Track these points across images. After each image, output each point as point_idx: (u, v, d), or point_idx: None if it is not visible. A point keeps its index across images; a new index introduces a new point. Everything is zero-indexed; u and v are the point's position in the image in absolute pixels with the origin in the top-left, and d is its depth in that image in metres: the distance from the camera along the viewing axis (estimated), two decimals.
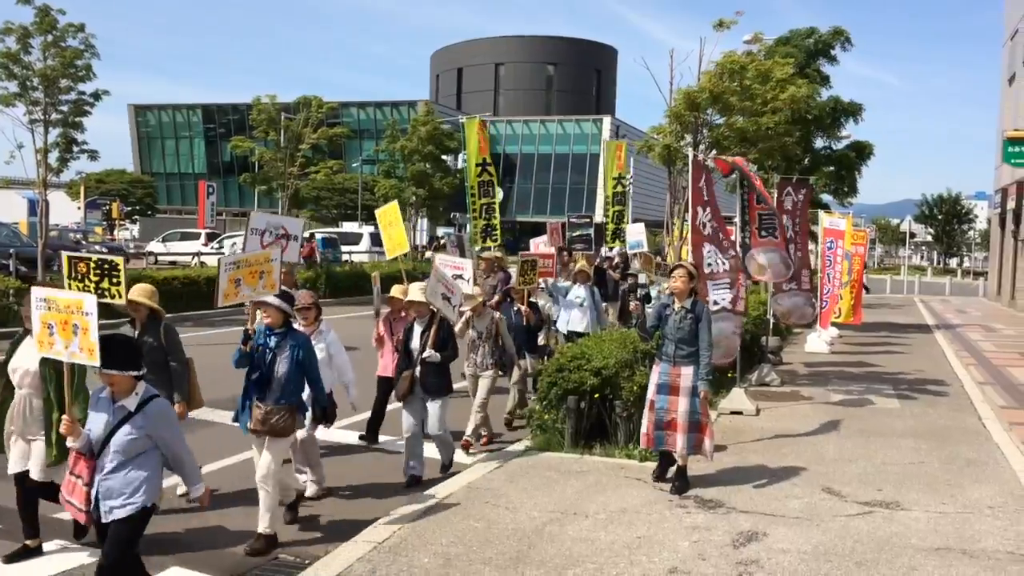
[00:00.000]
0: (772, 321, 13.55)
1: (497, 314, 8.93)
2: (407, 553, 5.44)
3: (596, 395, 7.92)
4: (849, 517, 6.37)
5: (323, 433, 8.73)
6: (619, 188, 17.25)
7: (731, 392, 10.34)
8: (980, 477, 7.56)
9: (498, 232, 13.89)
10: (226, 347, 5.90)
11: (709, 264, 9.34)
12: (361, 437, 8.74)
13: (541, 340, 10.83)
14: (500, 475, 7.25)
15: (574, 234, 15.69)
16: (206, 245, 32.73)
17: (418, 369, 7.42)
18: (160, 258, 33.56)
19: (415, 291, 7.59)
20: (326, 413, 6.41)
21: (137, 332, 6.35)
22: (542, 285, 11.53)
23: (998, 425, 9.81)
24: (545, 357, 10.62)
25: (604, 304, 13.64)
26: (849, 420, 9.87)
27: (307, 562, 5.46)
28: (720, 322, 9.06)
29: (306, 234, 35.92)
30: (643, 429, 7.20)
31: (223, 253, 30.24)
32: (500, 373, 8.78)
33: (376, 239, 35.51)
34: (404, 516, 6.12)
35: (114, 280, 5.55)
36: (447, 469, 7.65)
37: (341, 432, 8.76)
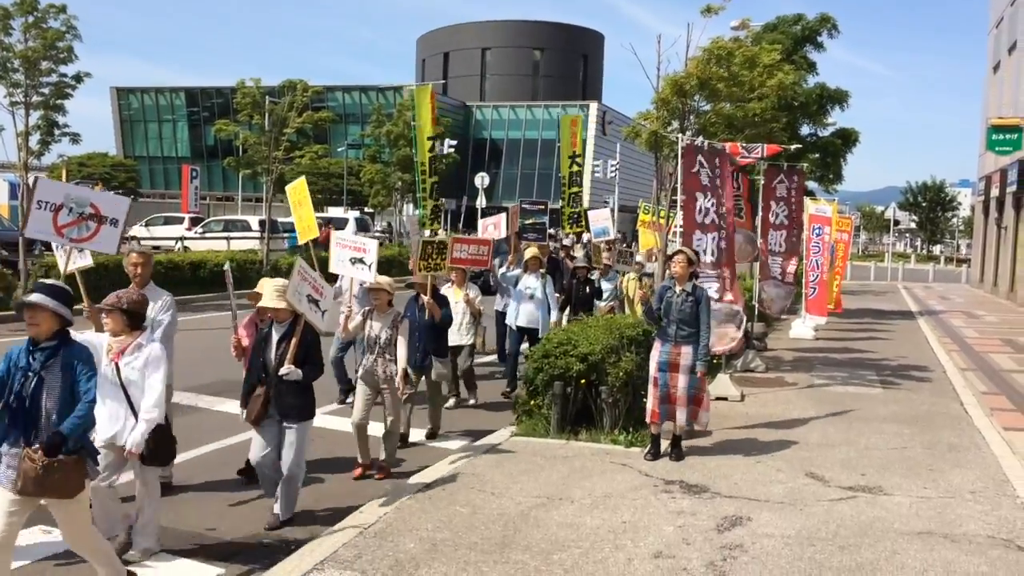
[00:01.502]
0: (757, 308, 13.60)
1: (400, 313, 7.38)
2: (393, 538, 5.43)
3: (582, 381, 7.93)
4: (832, 502, 6.41)
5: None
6: (575, 168, 15.86)
7: (716, 378, 10.36)
8: (962, 462, 7.62)
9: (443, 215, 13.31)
10: (209, 332, 5.80)
11: (700, 253, 9.36)
12: (240, 472, 6.85)
13: (463, 339, 9.58)
14: (486, 460, 7.26)
15: (526, 222, 14.16)
16: (190, 230, 32.49)
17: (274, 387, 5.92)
18: (143, 242, 33.31)
19: (269, 292, 6.08)
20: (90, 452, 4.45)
21: None
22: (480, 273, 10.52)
23: (980, 411, 9.90)
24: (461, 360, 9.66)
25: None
26: (833, 406, 9.93)
27: (292, 547, 5.45)
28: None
29: (323, 218, 35.35)
30: (648, 406, 7.57)
31: (207, 237, 30.13)
32: (409, 388, 7.31)
33: (362, 224, 35.40)
34: (389, 501, 6.11)
35: None
36: (278, 526, 5.90)
37: (328, 418, 8.73)
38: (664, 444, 7.56)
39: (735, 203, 11.38)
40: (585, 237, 18.38)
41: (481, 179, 40.48)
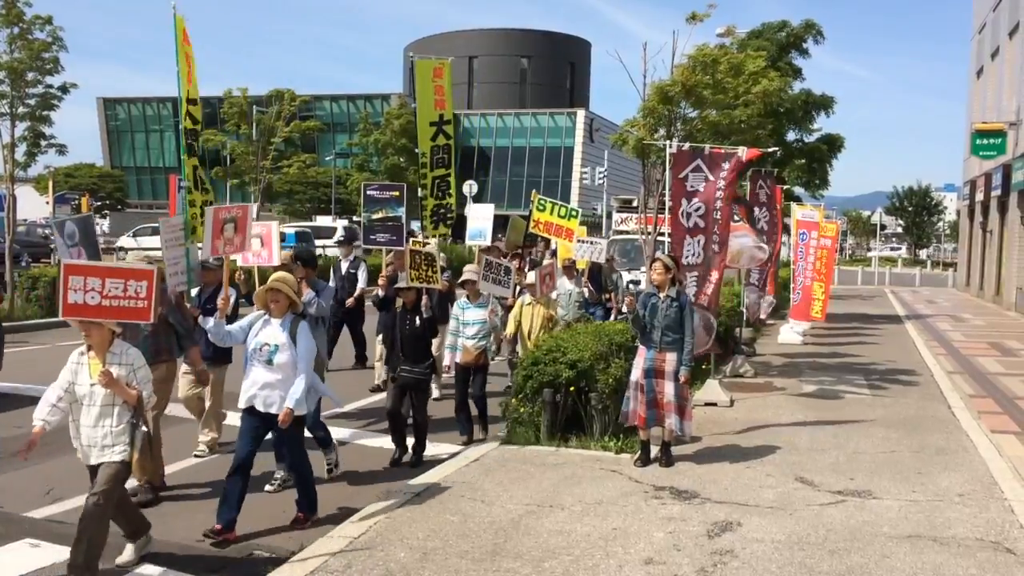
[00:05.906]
0: (745, 313, 13.64)
1: None
2: (383, 548, 5.42)
3: (571, 388, 7.93)
4: (822, 506, 6.43)
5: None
6: (441, 140, 10.38)
7: (705, 383, 10.40)
8: (950, 465, 7.66)
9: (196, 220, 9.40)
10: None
11: (686, 256, 9.38)
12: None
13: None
14: (476, 468, 7.25)
15: (374, 217, 9.78)
16: None
17: None
18: (131, 253, 33.18)
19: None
20: None
21: None
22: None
23: (967, 414, 9.95)
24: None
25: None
26: (822, 410, 9.97)
27: (282, 558, 5.43)
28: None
29: (311, 227, 34.88)
30: (632, 408, 7.50)
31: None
32: None
33: (351, 232, 35.16)
34: (379, 511, 6.10)
35: None
36: None
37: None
38: (654, 450, 7.57)
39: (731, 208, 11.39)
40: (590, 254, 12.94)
41: (469, 187, 40.46)
